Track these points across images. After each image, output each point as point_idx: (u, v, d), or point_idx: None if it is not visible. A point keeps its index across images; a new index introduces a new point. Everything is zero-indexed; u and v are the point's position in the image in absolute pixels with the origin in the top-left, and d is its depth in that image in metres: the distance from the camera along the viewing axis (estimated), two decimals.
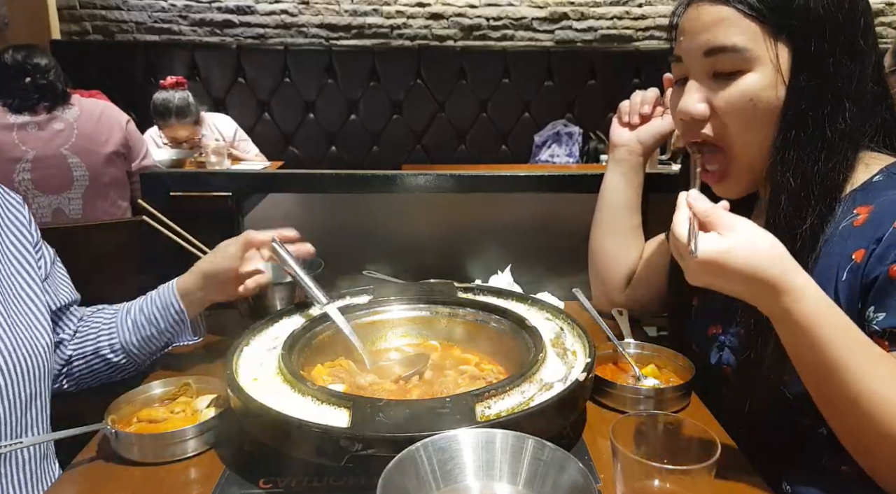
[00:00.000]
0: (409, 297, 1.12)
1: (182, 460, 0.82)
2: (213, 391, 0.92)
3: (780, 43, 0.80)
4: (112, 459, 0.82)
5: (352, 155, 4.15)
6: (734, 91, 0.82)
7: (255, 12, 4.09)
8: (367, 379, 0.94)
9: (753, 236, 0.70)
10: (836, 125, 0.80)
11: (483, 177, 1.48)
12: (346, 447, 0.70)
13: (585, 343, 0.95)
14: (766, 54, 0.80)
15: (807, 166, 0.81)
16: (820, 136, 0.80)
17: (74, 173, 2.09)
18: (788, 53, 0.80)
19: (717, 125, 0.85)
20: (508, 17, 4.19)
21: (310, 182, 1.47)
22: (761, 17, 0.79)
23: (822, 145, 0.80)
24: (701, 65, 0.84)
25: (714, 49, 0.82)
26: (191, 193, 1.47)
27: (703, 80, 0.85)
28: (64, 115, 2.11)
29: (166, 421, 0.86)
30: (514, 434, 0.68)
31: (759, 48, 0.80)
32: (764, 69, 0.80)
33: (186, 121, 3.07)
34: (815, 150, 0.80)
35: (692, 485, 0.63)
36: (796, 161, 0.81)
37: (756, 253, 0.69)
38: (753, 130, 0.83)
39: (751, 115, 0.82)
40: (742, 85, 0.81)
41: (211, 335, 1.23)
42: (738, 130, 0.84)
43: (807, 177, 0.81)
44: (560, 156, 3.87)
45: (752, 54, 0.80)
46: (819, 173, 0.81)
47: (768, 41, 0.80)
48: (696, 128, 0.87)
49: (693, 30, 0.85)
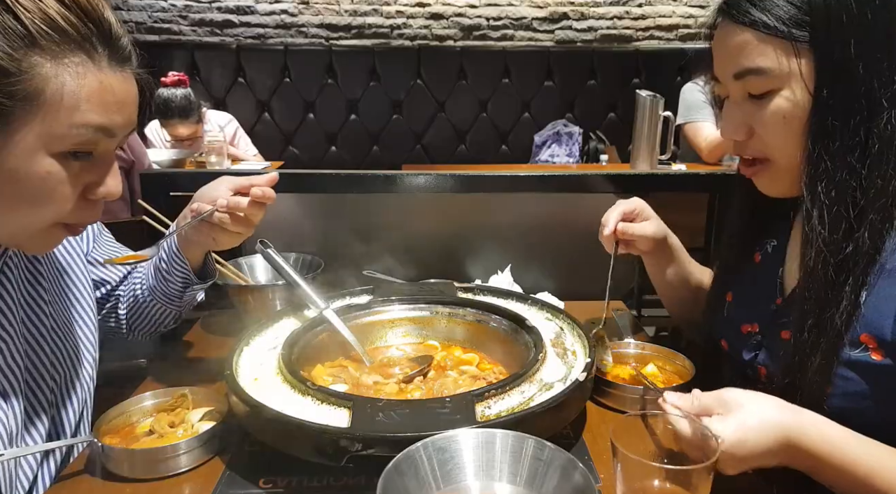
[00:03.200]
0: (409, 297, 1.12)
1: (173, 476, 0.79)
2: (210, 403, 0.89)
3: (803, 58, 0.78)
4: (101, 473, 0.79)
5: (352, 155, 4.14)
6: (768, 112, 0.81)
7: (255, 12, 4.09)
8: (370, 379, 0.94)
9: (745, 404, 0.71)
10: (876, 132, 0.76)
11: (483, 177, 1.48)
12: (346, 447, 0.70)
13: (585, 343, 0.95)
14: (793, 71, 0.79)
15: (844, 178, 0.77)
16: (858, 145, 0.77)
17: None
18: (813, 66, 0.78)
19: (758, 144, 0.85)
20: (508, 17, 4.19)
21: (310, 182, 1.47)
22: (781, 35, 0.78)
23: (863, 155, 0.77)
24: (734, 87, 0.84)
25: (741, 72, 0.81)
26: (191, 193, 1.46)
27: (739, 101, 0.85)
28: None
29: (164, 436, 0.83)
30: (514, 434, 0.68)
31: (785, 66, 0.79)
32: (794, 86, 0.79)
33: (189, 120, 3.04)
34: (852, 161, 0.77)
35: (692, 485, 0.63)
36: (830, 173, 0.78)
37: (760, 416, 0.70)
38: (794, 145, 0.82)
39: (787, 132, 0.81)
40: (774, 105, 0.81)
41: (211, 335, 1.23)
42: (779, 147, 0.83)
43: (843, 190, 0.78)
44: (560, 156, 3.87)
45: (778, 73, 0.79)
46: (862, 185, 0.77)
47: (792, 58, 0.78)
48: (741, 149, 0.88)
49: (720, 54, 0.85)
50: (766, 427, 0.70)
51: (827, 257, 0.79)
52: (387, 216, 1.51)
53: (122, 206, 2.18)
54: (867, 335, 0.77)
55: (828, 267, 0.78)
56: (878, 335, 0.76)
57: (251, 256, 1.30)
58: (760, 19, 0.78)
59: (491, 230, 1.49)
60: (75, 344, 0.93)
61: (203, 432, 0.82)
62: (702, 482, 0.64)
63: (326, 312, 1.02)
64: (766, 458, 0.70)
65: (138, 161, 2.19)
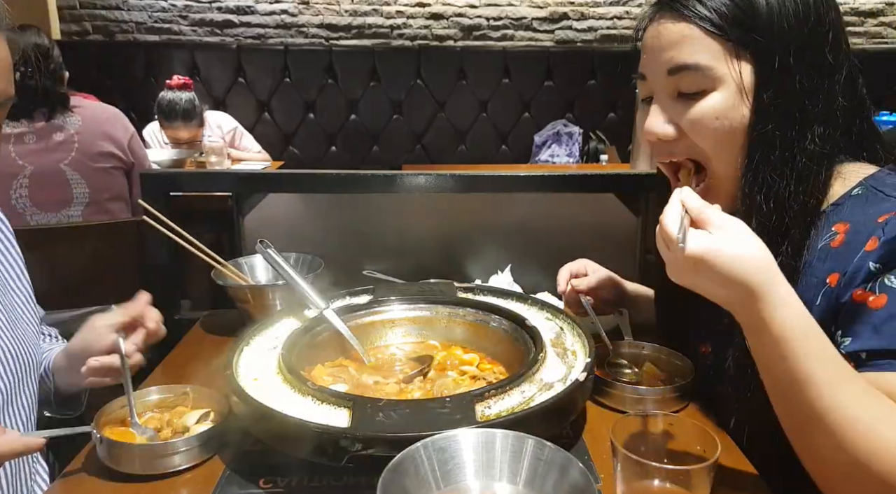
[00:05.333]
0: (409, 297, 1.12)
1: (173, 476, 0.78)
2: (210, 404, 0.89)
3: (743, 61, 0.77)
4: (103, 468, 0.79)
5: (352, 155, 4.14)
6: (698, 111, 0.80)
7: (255, 12, 4.09)
8: (371, 379, 0.94)
9: (743, 238, 0.68)
10: (804, 146, 0.77)
11: (483, 177, 1.48)
12: (346, 447, 0.70)
13: (585, 343, 0.95)
14: (729, 73, 0.78)
15: (779, 189, 0.78)
16: (790, 158, 0.77)
17: (74, 190, 1.99)
18: (752, 71, 0.77)
19: (687, 144, 0.83)
20: (508, 17, 4.19)
21: (310, 182, 1.47)
22: (724, 34, 0.77)
23: (793, 167, 0.77)
24: (665, 84, 0.82)
25: (676, 68, 0.80)
26: (191, 193, 1.47)
27: (667, 99, 0.83)
28: (64, 125, 1.99)
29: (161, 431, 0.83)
30: (514, 434, 0.68)
31: (723, 67, 0.78)
32: (728, 88, 0.78)
33: (191, 124, 3.05)
34: (785, 173, 0.78)
35: (692, 485, 0.64)
36: (767, 183, 0.78)
37: (743, 255, 0.67)
38: (726, 150, 0.81)
39: (719, 135, 0.80)
40: (706, 105, 0.79)
41: (211, 335, 1.23)
42: (710, 148, 0.82)
43: (779, 201, 0.78)
44: (560, 156, 3.87)
45: (715, 73, 0.78)
46: (791, 197, 0.78)
47: (731, 59, 0.77)
48: (665, 150, 0.86)
49: (655, 48, 0.83)
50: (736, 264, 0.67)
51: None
52: (387, 216, 1.51)
53: (123, 208, 2.17)
54: None
55: None
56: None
57: (251, 256, 1.30)
58: (704, 14, 0.77)
59: (491, 230, 1.49)
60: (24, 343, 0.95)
61: (203, 431, 0.81)
62: (702, 482, 0.64)
63: (326, 312, 1.02)
64: (717, 287, 0.68)
65: (139, 163, 2.17)
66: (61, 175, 1.98)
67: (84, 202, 2.01)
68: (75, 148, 2.00)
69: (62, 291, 1.63)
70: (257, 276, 1.29)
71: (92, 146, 2.02)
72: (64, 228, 1.85)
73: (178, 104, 2.98)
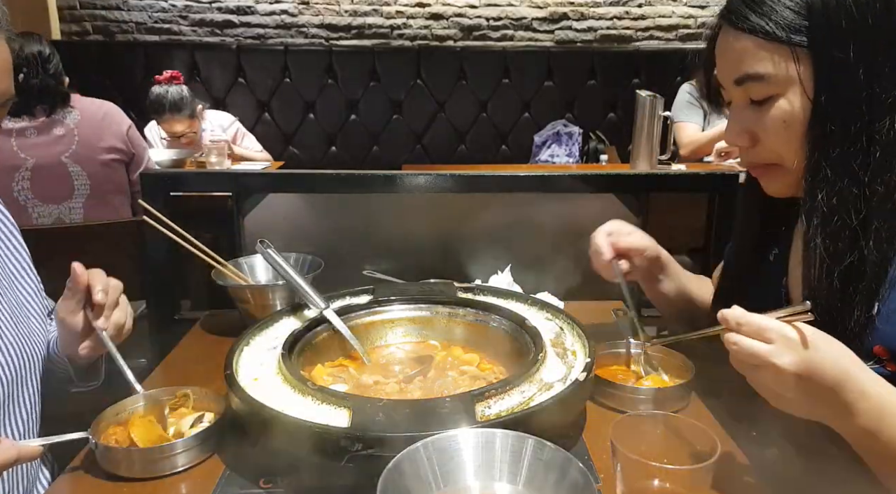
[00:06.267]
0: (409, 297, 1.12)
1: (173, 476, 0.78)
2: (209, 403, 0.89)
3: (802, 63, 0.77)
4: (99, 472, 0.79)
5: (352, 155, 4.14)
6: (768, 118, 0.81)
7: (255, 12, 4.09)
8: (370, 379, 0.95)
9: (826, 341, 0.68)
10: (878, 137, 0.75)
11: (483, 177, 1.48)
12: (346, 447, 0.70)
13: (585, 343, 0.95)
14: (792, 76, 0.78)
15: (845, 186, 0.76)
16: (860, 152, 0.75)
17: (75, 182, 2.05)
18: (811, 71, 0.77)
19: (764, 150, 0.84)
20: (508, 17, 4.19)
21: (310, 182, 1.47)
22: (780, 40, 0.77)
23: (865, 162, 0.75)
24: (736, 93, 0.84)
25: (741, 79, 0.81)
26: (191, 193, 1.47)
27: (741, 107, 0.84)
28: (64, 120, 2.05)
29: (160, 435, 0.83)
30: (514, 434, 0.68)
31: (784, 71, 0.78)
32: (794, 91, 0.78)
33: (181, 116, 3.05)
34: (854, 168, 0.76)
35: (692, 485, 0.64)
36: (830, 180, 0.77)
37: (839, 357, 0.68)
38: (799, 151, 0.81)
39: (790, 137, 0.80)
40: (775, 111, 0.80)
41: (211, 335, 1.23)
42: (784, 153, 0.82)
43: (844, 198, 0.76)
44: (560, 156, 3.87)
45: (778, 79, 0.78)
46: (865, 194, 0.75)
47: (791, 63, 0.77)
48: (746, 157, 0.87)
49: (722, 60, 0.84)
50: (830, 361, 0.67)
51: (830, 267, 0.77)
52: (387, 216, 1.51)
53: (123, 200, 2.19)
54: (881, 347, 0.75)
55: (832, 277, 0.77)
56: (892, 346, 0.75)
57: (251, 256, 1.30)
58: (759, 25, 0.78)
59: (491, 230, 1.49)
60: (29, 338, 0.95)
61: (201, 431, 0.82)
62: (702, 482, 0.64)
63: (326, 312, 1.02)
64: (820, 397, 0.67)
65: (138, 154, 2.22)
66: (62, 167, 2.03)
67: (85, 194, 2.06)
68: (76, 141, 2.05)
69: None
70: (257, 276, 1.29)
71: (92, 138, 2.08)
72: (64, 229, 1.86)
73: (166, 97, 3.00)
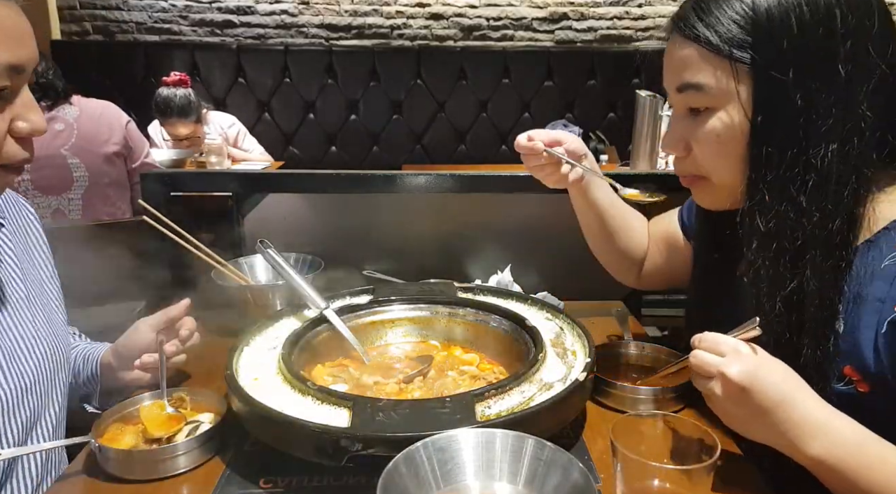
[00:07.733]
0: (409, 297, 1.12)
1: (173, 476, 0.78)
2: (209, 403, 0.89)
3: (742, 80, 0.76)
4: (100, 474, 0.79)
5: (352, 155, 4.14)
6: (702, 129, 0.80)
7: (255, 12, 4.09)
8: (370, 379, 0.95)
9: (774, 361, 0.71)
10: (814, 163, 0.74)
11: (483, 177, 1.48)
12: (346, 447, 0.70)
13: (585, 343, 0.95)
14: (731, 92, 0.77)
15: (782, 210, 0.75)
16: (797, 177, 0.74)
17: (74, 174, 2.09)
18: (751, 90, 0.76)
19: (694, 161, 0.84)
20: (508, 17, 4.19)
21: (310, 182, 1.47)
22: (723, 53, 0.76)
23: (802, 186, 0.74)
24: (677, 100, 0.84)
25: (682, 86, 0.81)
26: (191, 193, 1.47)
27: (681, 116, 0.84)
28: (64, 115, 2.09)
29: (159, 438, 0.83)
30: (514, 433, 0.68)
31: (724, 85, 0.77)
32: (731, 107, 0.78)
33: (188, 120, 3.05)
34: (791, 193, 0.75)
35: (692, 485, 0.64)
36: (768, 204, 0.76)
37: (784, 378, 0.70)
38: (727, 168, 0.81)
39: (721, 154, 0.80)
40: (710, 124, 0.80)
41: (211, 335, 1.23)
42: (713, 168, 0.82)
43: (781, 221, 0.76)
44: None
45: (717, 92, 0.78)
46: (803, 218, 0.75)
47: (731, 78, 0.77)
48: (680, 165, 0.87)
49: (668, 66, 0.85)
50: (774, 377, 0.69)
51: (772, 291, 0.77)
52: (387, 216, 1.51)
53: (121, 194, 2.21)
54: (850, 367, 0.75)
55: (774, 301, 0.77)
56: (860, 367, 0.74)
57: (251, 256, 1.30)
58: (704, 35, 0.77)
59: (491, 230, 1.49)
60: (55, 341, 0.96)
61: (202, 432, 0.81)
62: (702, 482, 0.64)
63: (326, 312, 1.02)
64: (762, 412, 0.69)
65: (136, 147, 2.27)
66: (62, 159, 2.08)
67: (84, 185, 2.11)
68: (75, 134, 2.10)
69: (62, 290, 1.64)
70: (257, 276, 1.29)
71: (90, 132, 2.13)
72: (64, 228, 1.86)
73: (173, 100, 2.99)
